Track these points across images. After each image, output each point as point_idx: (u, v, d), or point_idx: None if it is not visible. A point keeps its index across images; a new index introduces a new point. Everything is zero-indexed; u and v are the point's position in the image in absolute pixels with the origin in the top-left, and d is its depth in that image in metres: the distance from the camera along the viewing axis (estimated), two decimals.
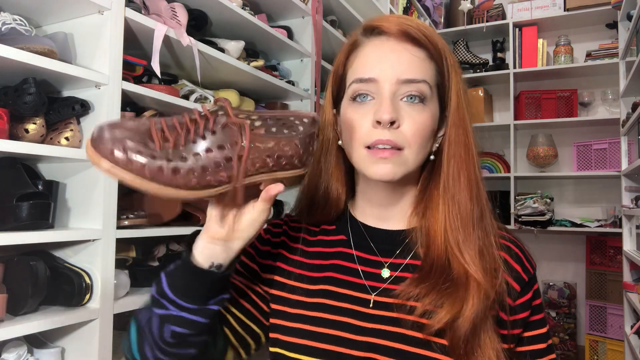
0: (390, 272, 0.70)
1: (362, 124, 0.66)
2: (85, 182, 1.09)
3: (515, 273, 0.68)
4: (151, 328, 0.62)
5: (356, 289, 0.69)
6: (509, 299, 0.66)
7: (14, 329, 0.90)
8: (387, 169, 0.65)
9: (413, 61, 0.67)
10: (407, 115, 0.66)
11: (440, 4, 3.61)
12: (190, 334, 0.61)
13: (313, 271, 0.72)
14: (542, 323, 0.70)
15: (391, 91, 0.66)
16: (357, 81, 0.68)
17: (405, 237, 0.71)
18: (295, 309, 0.70)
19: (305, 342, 0.66)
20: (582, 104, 3.31)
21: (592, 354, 3.13)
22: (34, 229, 0.98)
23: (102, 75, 1.08)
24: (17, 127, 1.00)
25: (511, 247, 0.70)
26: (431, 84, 0.68)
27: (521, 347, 0.69)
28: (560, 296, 3.27)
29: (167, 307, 0.60)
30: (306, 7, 1.90)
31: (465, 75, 3.49)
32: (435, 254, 0.66)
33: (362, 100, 0.68)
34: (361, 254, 0.72)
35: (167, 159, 0.53)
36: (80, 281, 1.02)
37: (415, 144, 0.66)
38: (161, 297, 0.60)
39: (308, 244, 0.76)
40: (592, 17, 3.25)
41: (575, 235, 3.34)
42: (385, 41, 0.68)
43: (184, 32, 1.28)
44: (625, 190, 2.81)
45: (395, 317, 0.65)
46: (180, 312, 0.60)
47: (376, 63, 0.67)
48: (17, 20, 1.03)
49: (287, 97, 1.91)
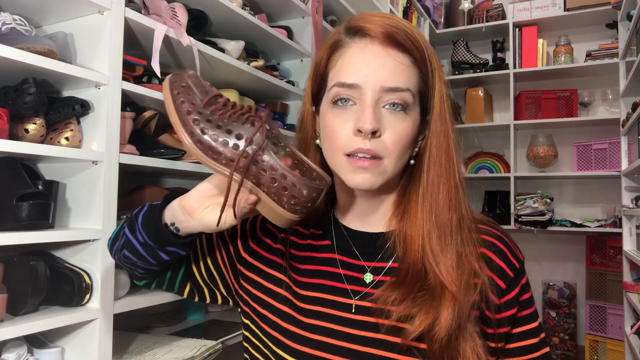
0: (373, 277, 0.69)
1: (342, 130, 0.65)
2: (85, 182, 1.09)
3: (499, 270, 0.67)
4: (119, 236, 0.76)
5: (340, 294, 0.69)
6: (494, 297, 0.65)
7: (14, 329, 0.90)
8: (366, 178, 0.64)
9: (397, 68, 0.65)
10: (389, 124, 0.64)
11: (440, 4, 3.61)
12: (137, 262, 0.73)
13: (303, 276, 0.72)
14: (532, 317, 0.69)
15: (374, 98, 0.64)
16: (339, 85, 0.66)
17: (385, 241, 0.70)
18: (289, 309, 0.70)
19: (300, 347, 0.67)
20: (582, 104, 3.31)
21: (592, 354, 3.13)
22: (34, 229, 0.98)
23: (102, 75, 1.08)
24: (17, 127, 1.00)
25: (495, 243, 0.69)
26: (414, 92, 0.66)
27: (511, 344, 0.68)
28: (560, 296, 3.27)
29: (134, 232, 0.71)
30: (306, 7, 1.90)
31: (465, 76, 3.51)
32: (412, 260, 0.66)
33: (344, 104, 0.66)
34: (344, 258, 0.72)
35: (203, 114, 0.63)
36: (80, 281, 1.02)
37: (395, 153, 0.65)
38: (135, 221, 0.72)
39: (299, 247, 0.76)
40: (592, 17, 3.25)
41: (575, 235, 3.34)
42: (369, 44, 0.66)
43: (184, 32, 1.28)
44: (625, 190, 2.81)
45: (375, 323, 0.64)
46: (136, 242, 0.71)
47: (360, 68, 0.65)
48: (17, 20, 1.03)
49: (287, 97, 1.91)
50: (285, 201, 0.62)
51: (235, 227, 0.81)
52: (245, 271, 0.77)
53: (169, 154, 1.25)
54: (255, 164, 0.62)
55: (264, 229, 0.80)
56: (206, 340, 1.28)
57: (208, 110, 0.63)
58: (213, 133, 0.62)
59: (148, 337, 1.31)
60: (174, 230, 0.69)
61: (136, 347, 1.23)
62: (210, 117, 0.63)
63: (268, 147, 0.62)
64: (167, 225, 0.69)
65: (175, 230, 0.69)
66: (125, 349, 1.21)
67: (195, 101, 0.64)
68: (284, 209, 0.62)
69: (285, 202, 0.62)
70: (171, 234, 0.69)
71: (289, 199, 0.61)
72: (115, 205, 1.09)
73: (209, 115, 0.63)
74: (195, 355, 1.20)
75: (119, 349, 1.17)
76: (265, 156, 0.62)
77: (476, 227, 0.69)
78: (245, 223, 0.81)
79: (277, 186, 0.61)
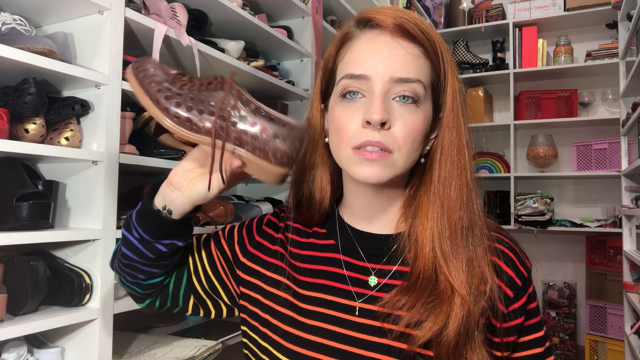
0: (377, 279, 0.67)
1: (351, 123, 0.63)
2: (85, 182, 1.09)
3: (508, 278, 0.65)
4: (119, 243, 0.74)
5: (343, 295, 0.67)
6: (501, 305, 0.63)
7: (14, 329, 0.90)
8: (373, 171, 0.62)
9: (408, 58, 0.63)
10: (399, 117, 0.62)
11: (440, 4, 3.61)
12: (137, 260, 0.71)
13: (306, 276, 0.71)
14: (539, 326, 0.68)
15: (383, 90, 0.62)
16: (347, 77, 0.64)
17: (393, 243, 0.68)
18: (289, 311, 0.68)
19: (299, 349, 0.65)
20: (582, 104, 3.31)
21: (592, 354, 3.13)
22: (34, 229, 0.98)
23: (102, 75, 1.08)
24: (17, 127, 1.00)
25: (506, 251, 0.67)
26: (425, 84, 0.64)
27: (517, 353, 0.67)
28: (560, 296, 3.28)
29: (130, 230, 0.70)
30: (306, 7, 1.90)
31: (465, 75, 3.50)
32: (422, 264, 0.64)
33: (352, 97, 0.64)
34: (349, 259, 0.70)
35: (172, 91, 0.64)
36: (80, 281, 1.02)
37: (405, 147, 0.63)
38: (130, 219, 0.71)
39: (300, 246, 0.74)
40: (592, 17, 3.25)
41: (575, 235, 3.34)
42: (379, 35, 0.64)
43: (184, 32, 1.28)
44: (625, 190, 2.81)
45: (380, 327, 0.63)
46: (133, 238, 0.70)
47: (368, 58, 0.63)
48: (17, 20, 1.03)
49: (287, 97, 1.91)
50: (271, 155, 0.63)
51: (232, 234, 0.79)
52: (245, 276, 0.75)
53: (169, 154, 1.25)
54: (234, 125, 0.63)
55: (260, 231, 0.78)
56: (206, 340, 1.28)
57: (176, 87, 0.65)
58: (186, 106, 0.64)
59: (148, 337, 1.31)
60: (167, 214, 0.68)
61: (136, 347, 1.23)
62: (180, 91, 0.65)
63: (242, 107, 0.64)
64: (159, 210, 0.68)
65: (169, 213, 0.68)
66: (125, 349, 1.21)
67: (162, 80, 0.65)
68: (271, 163, 0.63)
69: (272, 156, 0.63)
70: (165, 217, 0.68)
71: (274, 152, 0.63)
72: (115, 205, 1.09)
73: (178, 90, 0.65)
74: (195, 355, 1.20)
75: (119, 349, 1.17)
76: (242, 116, 0.63)
77: (488, 234, 0.67)
78: (242, 228, 0.80)
79: (260, 143, 0.63)
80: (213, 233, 0.82)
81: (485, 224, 0.67)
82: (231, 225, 0.82)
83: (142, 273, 0.73)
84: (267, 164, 0.63)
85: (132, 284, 0.76)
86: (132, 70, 0.67)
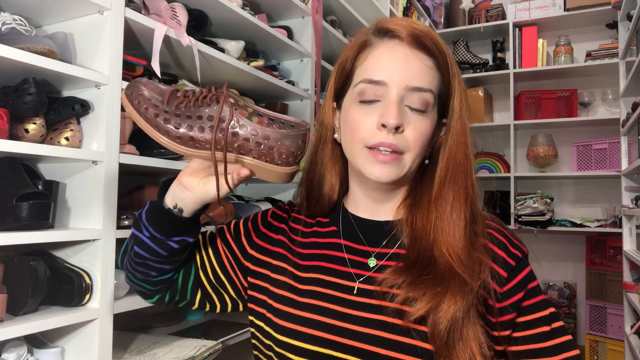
0: (376, 261, 0.71)
1: (366, 123, 0.68)
2: (85, 182, 1.09)
3: (500, 260, 0.69)
4: (129, 242, 0.78)
5: (342, 277, 0.71)
6: (495, 285, 0.66)
7: (14, 329, 0.90)
8: (385, 172, 0.68)
9: (422, 69, 0.69)
10: (411, 122, 0.68)
11: (440, 4, 3.61)
12: (150, 258, 0.74)
13: (305, 260, 0.75)
14: (541, 306, 0.69)
15: (399, 96, 0.67)
16: (366, 81, 0.69)
17: (392, 228, 0.73)
18: (287, 292, 0.72)
19: (292, 325, 0.68)
20: (582, 104, 3.31)
21: (592, 354, 3.13)
22: (34, 229, 0.98)
23: (102, 75, 1.08)
24: (17, 127, 1.00)
25: (495, 235, 0.71)
26: (435, 93, 0.70)
27: (519, 333, 0.68)
28: (560, 296, 3.28)
29: (141, 229, 0.73)
30: (306, 7, 1.90)
31: (465, 75, 3.52)
32: (422, 247, 0.68)
33: (369, 104, 0.69)
34: (349, 244, 0.75)
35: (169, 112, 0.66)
36: (80, 281, 1.02)
37: (415, 148, 0.68)
38: (140, 219, 0.74)
39: (304, 235, 0.79)
40: (592, 17, 3.25)
41: (575, 235, 3.34)
42: (398, 45, 0.70)
43: (184, 32, 1.28)
44: (625, 190, 2.81)
45: (377, 305, 0.66)
46: (145, 237, 0.73)
47: (387, 66, 0.69)
48: (17, 20, 1.03)
49: (287, 97, 1.91)
50: (277, 158, 0.65)
51: (238, 228, 0.84)
52: (254, 267, 0.79)
53: (169, 153, 1.25)
54: (235, 135, 0.65)
55: (266, 223, 0.82)
56: (206, 340, 1.29)
57: (172, 107, 0.66)
58: (186, 125, 0.65)
59: (148, 337, 1.31)
60: (178, 212, 0.72)
61: (136, 347, 1.23)
62: (177, 111, 0.66)
63: (241, 117, 0.65)
64: (170, 209, 0.72)
65: (179, 212, 0.72)
66: (125, 349, 1.21)
67: (157, 103, 0.66)
68: (279, 165, 0.66)
69: (278, 159, 0.65)
70: (176, 215, 0.72)
71: (279, 155, 0.65)
72: (115, 205, 1.09)
73: (175, 110, 0.66)
74: (195, 355, 1.20)
75: (119, 349, 1.17)
76: (242, 125, 0.65)
77: (483, 221, 0.72)
78: (247, 222, 0.84)
79: (264, 148, 0.65)
80: (218, 229, 0.86)
81: (481, 214, 0.73)
82: (236, 220, 0.86)
83: (154, 270, 0.77)
84: (274, 167, 0.66)
85: (142, 281, 0.79)
86: (126, 98, 0.68)
